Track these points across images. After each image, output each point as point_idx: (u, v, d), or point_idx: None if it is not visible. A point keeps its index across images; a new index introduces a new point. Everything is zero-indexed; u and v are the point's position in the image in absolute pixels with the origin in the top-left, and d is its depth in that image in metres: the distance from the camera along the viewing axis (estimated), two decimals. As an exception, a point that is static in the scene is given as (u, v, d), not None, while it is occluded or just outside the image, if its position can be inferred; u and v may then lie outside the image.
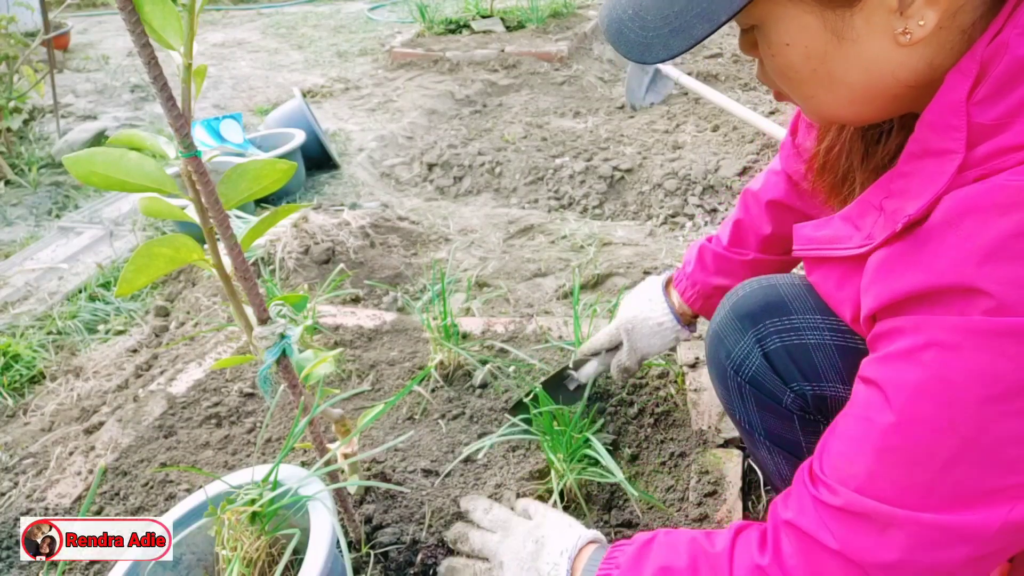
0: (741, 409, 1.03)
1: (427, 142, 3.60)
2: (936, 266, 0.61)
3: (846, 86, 0.68)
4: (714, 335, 1.04)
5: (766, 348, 0.97)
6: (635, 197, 2.96)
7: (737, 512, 1.21)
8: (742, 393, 1.01)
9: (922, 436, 0.63)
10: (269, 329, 0.90)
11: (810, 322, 0.95)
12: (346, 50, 5.67)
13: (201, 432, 1.50)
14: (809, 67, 0.68)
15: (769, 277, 1.03)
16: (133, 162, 0.75)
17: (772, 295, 0.99)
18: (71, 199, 3.13)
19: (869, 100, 0.70)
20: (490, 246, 2.54)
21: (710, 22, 0.63)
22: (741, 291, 1.02)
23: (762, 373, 0.98)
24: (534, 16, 5.34)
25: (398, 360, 1.70)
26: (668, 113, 3.68)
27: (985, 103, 0.61)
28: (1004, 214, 0.57)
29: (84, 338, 2.07)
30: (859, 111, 0.72)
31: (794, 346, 0.95)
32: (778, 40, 0.68)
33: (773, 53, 0.69)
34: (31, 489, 1.42)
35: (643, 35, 0.67)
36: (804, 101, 0.74)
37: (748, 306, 1.00)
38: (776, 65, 0.71)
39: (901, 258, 0.65)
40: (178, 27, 0.69)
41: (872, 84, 0.68)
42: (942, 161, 0.62)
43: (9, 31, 3.29)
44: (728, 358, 1.01)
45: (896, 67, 0.66)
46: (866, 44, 0.65)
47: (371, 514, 1.20)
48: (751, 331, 0.98)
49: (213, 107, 4.36)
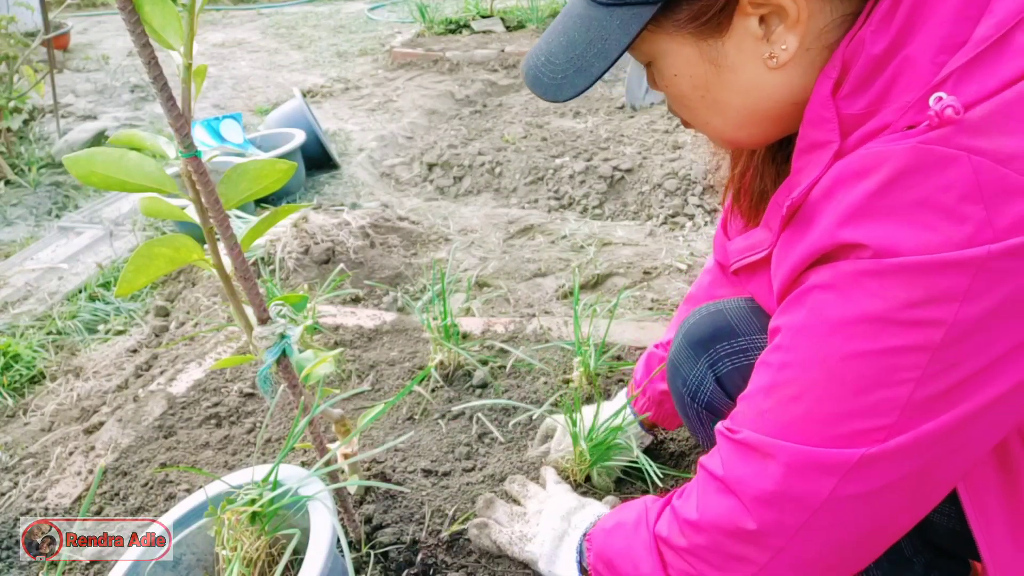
0: (703, 434, 1.04)
1: (427, 142, 3.60)
2: (815, 233, 0.67)
3: (733, 109, 0.76)
4: (671, 365, 1.06)
5: (718, 372, 0.99)
6: (635, 197, 2.96)
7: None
8: (701, 419, 1.03)
9: (800, 372, 0.69)
10: (269, 329, 0.90)
11: (757, 342, 0.96)
12: (346, 50, 5.67)
13: (201, 432, 1.50)
14: (697, 95, 0.76)
15: (716, 303, 1.06)
16: (133, 162, 0.75)
17: (719, 320, 1.01)
18: (71, 199, 3.13)
19: (756, 122, 0.77)
20: (490, 246, 2.54)
21: (605, 59, 0.73)
22: (692, 319, 1.04)
23: (717, 398, 0.99)
24: (534, 16, 5.34)
25: (398, 360, 1.70)
26: (668, 113, 3.68)
27: (850, 97, 0.67)
28: (864, 176, 0.63)
29: (84, 338, 2.07)
30: (751, 133, 0.79)
31: (744, 367, 0.95)
32: (668, 72, 0.76)
33: (667, 84, 0.78)
34: (31, 489, 1.42)
35: (553, 77, 0.76)
36: (702, 127, 0.81)
37: (699, 333, 1.02)
38: (672, 95, 0.79)
39: (790, 239, 0.72)
40: (178, 27, 0.69)
41: (754, 107, 0.75)
42: (822, 151, 0.69)
43: (9, 31, 3.29)
44: (684, 385, 1.03)
45: (772, 89, 0.73)
46: (741, 70, 0.72)
47: (371, 514, 1.20)
48: (703, 357, 1.00)
49: (213, 107, 4.36)
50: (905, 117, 0.63)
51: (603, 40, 0.72)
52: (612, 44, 0.72)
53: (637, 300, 2.09)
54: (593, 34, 0.73)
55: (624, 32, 0.71)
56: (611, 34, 0.72)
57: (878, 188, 0.62)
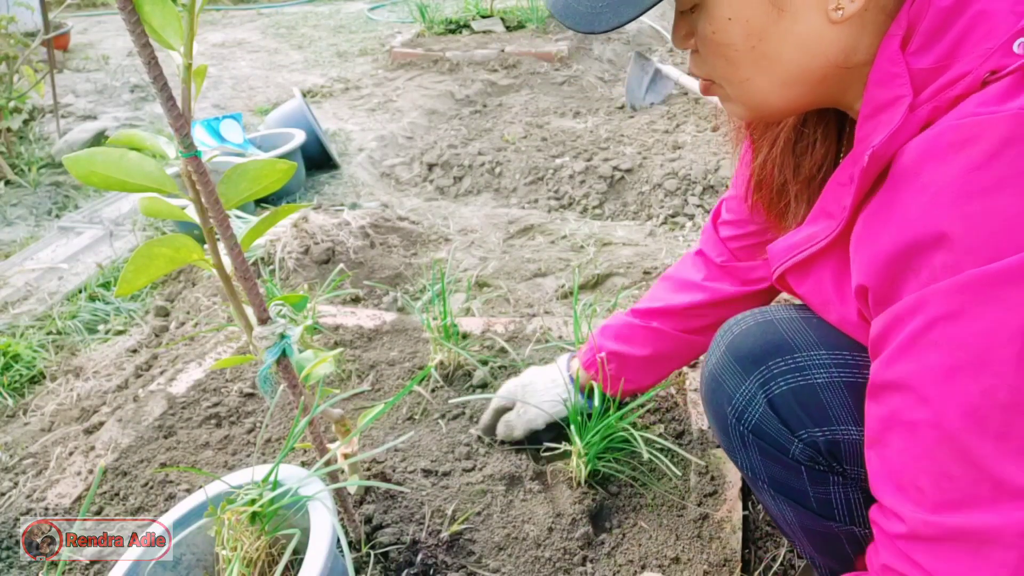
0: (743, 456, 0.94)
1: (427, 142, 3.60)
2: (907, 217, 0.60)
3: (782, 65, 0.71)
4: (711, 379, 0.94)
5: (771, 393, 0.87)
6: (635, 197, 2.96)
7: (737, 512, 1.21)
8: (745, 442, 0.92)
9: (965, 416, 0.57)
10: (269, 329, 0.90)
11: (815, 359, 0.86)
12: (346, 50, 5.67)
13: (201, 432, 1.50)
14: (748, 45, 0.70)
15: (763, 311, 0.94)
16: (133, 162, 0.75)
17: (771, 332, 0.90)
18: (71, 199, 3.13)
19: (801, 82, 0.72)
20: (490, 246, 2.54)
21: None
22: (736, 328, 0.93)
23: (767, 421, 0.88)
24: (534, 16, 5.34)
25: (398, 360, 1.70)
26: (668, 113, 3.68)
27: (920, 52, 0.64)
28: (959, 151, 0.57)
29: (84, 338, 2.07)
30: (790, 96, 0.74)
31: (800, 388, 0.85)
32: (720, 15, 0.69)
33: (714, 30, 0.71)
34: (31, 489, 1.42)
35: (592, 5, 0.69)
36: (738, 85, 0.75)
37: (747, 346, 0.90)
38: (716, 44, 0.72)
39: (874, 220, 0.65)
40: (178, 27, 0.69)
41: (806, 64, 0.70)
42: (894, 108, 0.65)
43: (9, 31, 3.28)
44: (729, 404, 0.91)
45: (827, 45, 0.69)
46: (802, 20, 0.67)
47: (371, 514, 1.20)
48: (753, 374, 0.88)
49: (213, 107, 4.36)
50: (987, 63, 0.60)
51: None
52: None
53: (637, 300, 2.09)
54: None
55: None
56: None
57: (981, 163, 0.55)
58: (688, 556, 1.14)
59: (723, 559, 1.13)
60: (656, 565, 1.13)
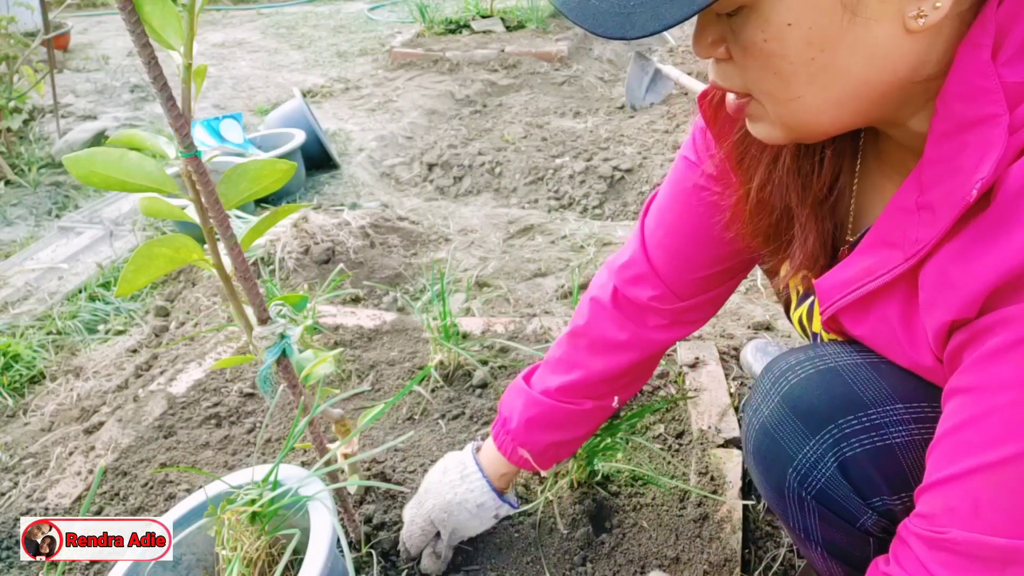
0: (798, 519, 0.82)
1: (427, 142, 3.60)
2: (1018, 246, 0.54)
3: (842, 80, 0.61)
4: (765, 434, 0.82)
5: (842, 456, 0.76)
6: (635, 197, 2.96)
7: (737, 512, 1.21)
8: (804, 507, 0.81)
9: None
10: (269, 329, 0.90)
11: (892, 415, 0.74)
12: (346, 50, 5.66)
13: (201, 432, 1.50)
14: (807, 55, 0.59)
15: (820, 355, 0.81)
16: (133, 162, 0.75)
17: (838, 384, 0.77)
18: (71, 199, 3.13)
19: (860, 99, 0.63)
20: (490, 246, 2.54)
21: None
22: (792, 376, 0.80)
23: (835, 487, 0.77)
24: (534, 16, 5.34)
25: (398, 360, 1.70)
26: (668, 113, 3.68)
27: (1012, 62, 0.56)
28: None
29: (84, 338, 2.07)
30: (842, 115, 0.64)
31: (878, 450, 0.74)
32: (779, 20, 0.57)
33: (767, 37, 0.59)
34: (31, 489, 1.42)
35: (619, 4, 0.56)
36: (785, 104, 0.63)
37: (809, 400, 0.78)
38: (766, 54, 0.60)
39: (969, 252, 0.57)
40: (178, 27, 0.68)
41: (871, 79, 0.61)
42: (986, 128, 0.57)
43: (9, 31, 3.28)
44: (791, 466, 0.79)
45: (899, 58, 0.59)
46: (876, 28, 0.57)
47: (371, 514, 1.20)
48: (821, 434, 0.77)
49: (213, 107, 4.36)
50: None
51: None
52: None
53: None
54: None
55: None
56: None
57: None
58: (688, 556, 1.14)
59: (723, 559, 1.13)
60: (656, 565, 1.13)
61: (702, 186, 0.91)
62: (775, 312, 1.94)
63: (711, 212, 0.90)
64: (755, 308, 1.97)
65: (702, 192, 0.92)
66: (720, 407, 1.45)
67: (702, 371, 1.56)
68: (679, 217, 0.95)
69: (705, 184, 0.91)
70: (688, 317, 1.01)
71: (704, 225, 0.92)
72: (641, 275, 0.99)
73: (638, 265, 0.99)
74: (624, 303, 1.01)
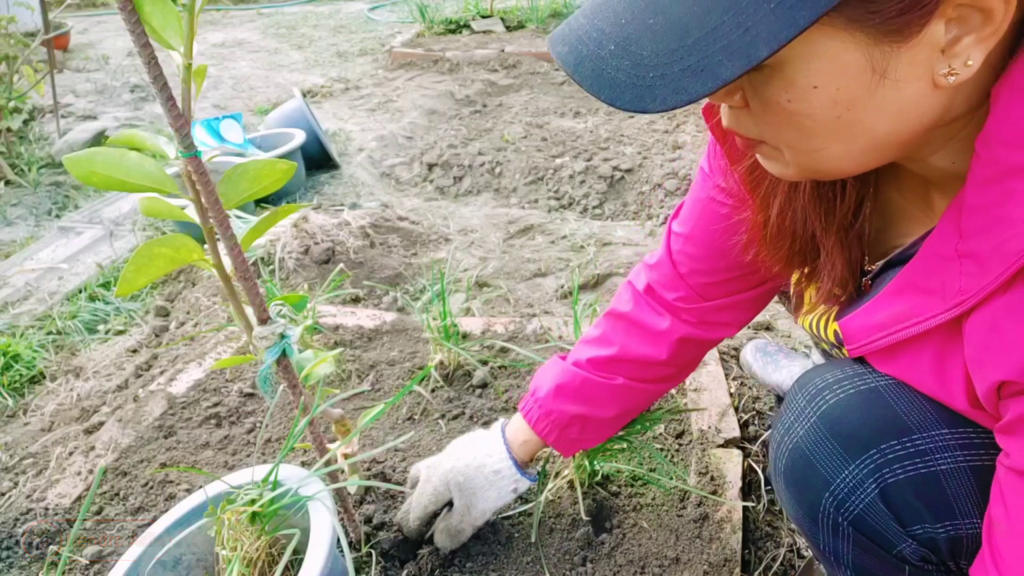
0: (829, 542, 0.80)
1: (427, 142, 3.60)
2: None
3: (869, 135, 0.59)
4: (799, 455, 0.79)
5: (883, 482, 0.73)
6: (635, 197, 2.96)
7: (737, 512, 1.21)
8: (838, 532, 0.78)
9: None
10: (269, 329, 0.90)
11: (938, 440, 0.71)
12: (346, 50, 5.66)
13: (201, 432, 1.50)
14: (832, 114, 0.57)
15: (861, 375, 0.78)
16: (133, 162, 0.75)
17: (880, 406, 0.74)
18: (71, 199, 3.13)
19: (885, 147, 0.61)
20: (490, 246, 2.54)
21: (745, 58, 0.50)
22: (830, 396, 0.78)
23: (874, 514, 0.74)
24: (534, 16, 5.34)
25: (398, 360, 1.70)
26: (668, 113, 3.68)
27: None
28: None
29: (84, 338, 2.07)
30: (865, 161, 0.63)
31: (921, 477, 0.71)
32: (804, 83, 0.55)
33: (790, 98, 0.57)
34: (31, 489, 1.42)
35: (637, 75, 0.53)
36: (806, 155, 0.62)
37: (850, 422, 0.75)
38: (788, 113, 0.58)
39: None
40: (178, 27, 0.68)
41: (899, 131, 0.59)
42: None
43: (9, 31, 3.28)
44: (827, 490, 0.76)
45: (926, 111, 0.58)
46: (904, 87, 0.55)
47: (371, 514, 1.20)
48: (862, 458, 0.74)
49: (213, 107, 4.36)
50: None
51: (742, 28, 0.50)
52: (761, 35, 0.49)
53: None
54: (721, 18, 0.50)
55: (786, 21, 0.49)
56: (759, 20, 0.49)
57: None
58: (688, 556, 1.14)
59: (723, 559, 1.13)
60: (656, 565, 1.13)
61: (719, 200, 0.92)
62: (775, 312, 1.94)
63: (728, 224, 0.91)
64: (755, 308, 1.96)
65: (718, 205, 0.92)
66: (720, 407, 1.45)
67: (702, 371, 1.56)
68: (697, 226, 0.96)
69: (721, 199, 0.91)
70: (716, 318, 1.02)
71: (721, 236, 0.93)
72: (666, 276, 1.02)
73: (663, 267, 1.02)
74: (660, 298, 1.03)
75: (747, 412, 1.52)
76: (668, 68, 0.52)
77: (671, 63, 0.52)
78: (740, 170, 0.81)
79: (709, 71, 0.51)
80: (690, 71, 0.51)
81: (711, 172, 0.92)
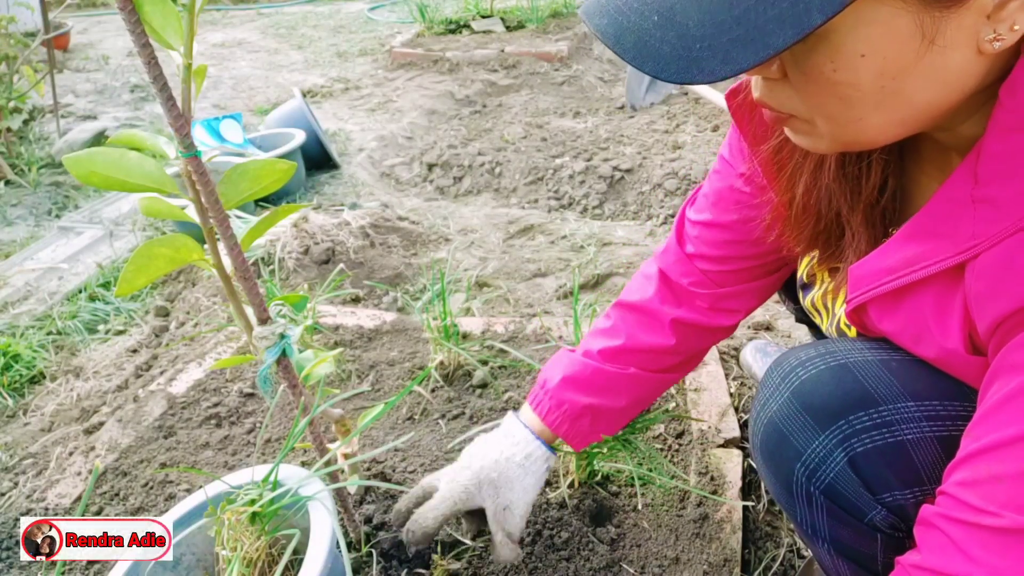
0: (805, 515, 0.82)
1: (427, 142, 3.60)
2: None
3: (910, 104, 0.59)
4: (773, 429, 0.81)
5: (852, 451, 0.75)
6: (635, 197, 2.96)
7: (737, 512, 1.21)
8: (812, 502, 0.80)
9: None
10: (269, 329, 0.90)
11: (903, 412, 0.74)
12: (346, 50, 5.66)
13: (201, 432, 1.50)
14: (878, 84, 0.57)
15: (831, 351, 0.80)
16: (133, 162, 0.75)
17: (848, 380, 0.77)
18: (71, 199, 3.13)
19: (923, 116, 0.61)
20: (490, 246, 2.54)
21: (797, 26, 0.49)
22: (802, 372, 0.80)
23: (844, 483, 0.77)
24: (534, 16, 5.34)
25: (398, 360, 1.70)
26: (668, 113, 3.68)
27: None
28: None
29: (84, 338, 2.07)
30: (902, 131, 0.63)
31: (888, 446, 0.74)
32: (851, 50, 0.55)
33: (836, 67, 0.56)
34: (31, 489, 1.42)
35: (683, 47, 0.52)
36: (844, 125, 0.61)
37: (820, 396, 0.77)
38: (833, 82, 0.57)
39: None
40: (178, 27, 0.68)
41: (940, 99, 0.59)
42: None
43: (9, 31, 3.28)
44: (799, 461, 0.79)
45: (968, 78, 0.58)
46: (952, 54, 0.55)
47: (371, 514, 1.20)
48: (831, 430, 0.76)
49: (213, 107, 4.36)
50: None
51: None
52: (814, 2, 0.49)
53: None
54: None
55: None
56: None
57: None
58: (688, 556, 1.14)
59: (723, 559, 1.13)
60: (656, 565, 1.13)
61: (738, 188, 0.92)
62: (775, 312, 1.94)
63: (747, 213, 0.91)
64: (755, 308, 1.97)
65: (738, 193, 0.92)
66: (720, 407, 1.45)
67: (702, 371, 1.56)
68: (715, 213, 0.97)
69: (740, 185, 0.92)
70: (727, 305, 1.02)
71: (739, 224, 0.94)
72: (679, 263, 1.02)
73: (676, 254, 1.03)
74: (672, 283, 1.03)
75: (747, 412, 1.51)
76: (715, 39, 0.51)
77: (718, 34, 0.51)
78: (764, 151, 0.81)
79: (760, 41, 0.50)
80: (739, 41, 0.51)
81: (732, 158, 0.93)
